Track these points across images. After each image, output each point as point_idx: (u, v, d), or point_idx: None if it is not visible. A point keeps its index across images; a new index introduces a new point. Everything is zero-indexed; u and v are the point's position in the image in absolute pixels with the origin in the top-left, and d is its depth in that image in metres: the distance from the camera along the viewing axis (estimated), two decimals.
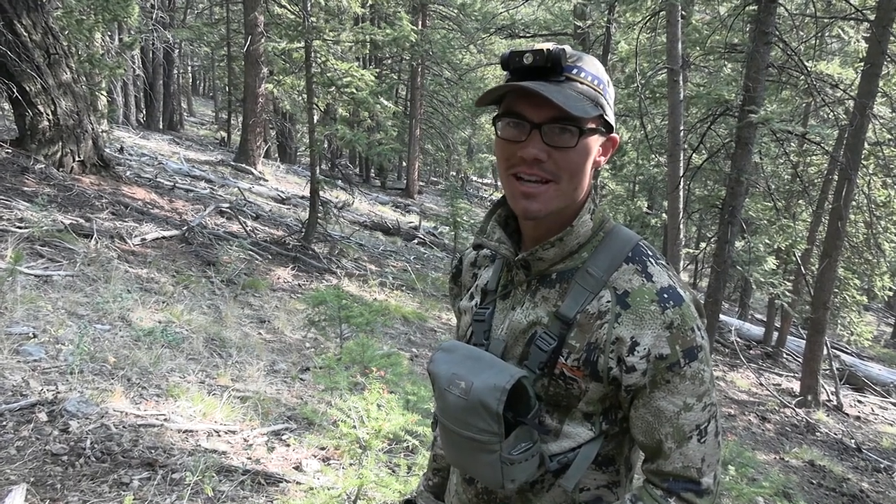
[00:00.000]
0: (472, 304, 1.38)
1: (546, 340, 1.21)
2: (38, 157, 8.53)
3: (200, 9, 29.19)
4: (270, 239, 10.36)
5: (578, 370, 1.20)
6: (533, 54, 1.13)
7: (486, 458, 1.20)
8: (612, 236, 1.25)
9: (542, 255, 1.23)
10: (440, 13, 23.26)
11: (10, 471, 3.11)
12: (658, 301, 1.17)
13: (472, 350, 1.28)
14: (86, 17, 10.11)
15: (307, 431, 4.23)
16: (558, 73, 1.14)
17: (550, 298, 1.24)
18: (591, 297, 1.20)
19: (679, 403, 1.17)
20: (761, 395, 10.26)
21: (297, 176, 20.32)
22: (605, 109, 1.19)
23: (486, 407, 1.17)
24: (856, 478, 7.47)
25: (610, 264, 1.21)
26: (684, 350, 1.15)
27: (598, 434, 1.24)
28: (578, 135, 1.14)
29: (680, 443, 1.19)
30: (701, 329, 1.19)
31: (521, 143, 1.15)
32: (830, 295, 10.00)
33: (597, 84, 1.18)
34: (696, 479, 1.20)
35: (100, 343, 4.76)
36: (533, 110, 1.13)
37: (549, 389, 1.23)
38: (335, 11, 16.83)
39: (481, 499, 1.34)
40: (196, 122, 32.02)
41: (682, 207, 10.75)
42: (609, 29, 14.57)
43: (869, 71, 8.91)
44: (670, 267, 1.25)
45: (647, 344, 1.15)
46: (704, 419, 1.19)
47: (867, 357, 15.02)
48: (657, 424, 1.19)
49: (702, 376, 1.18)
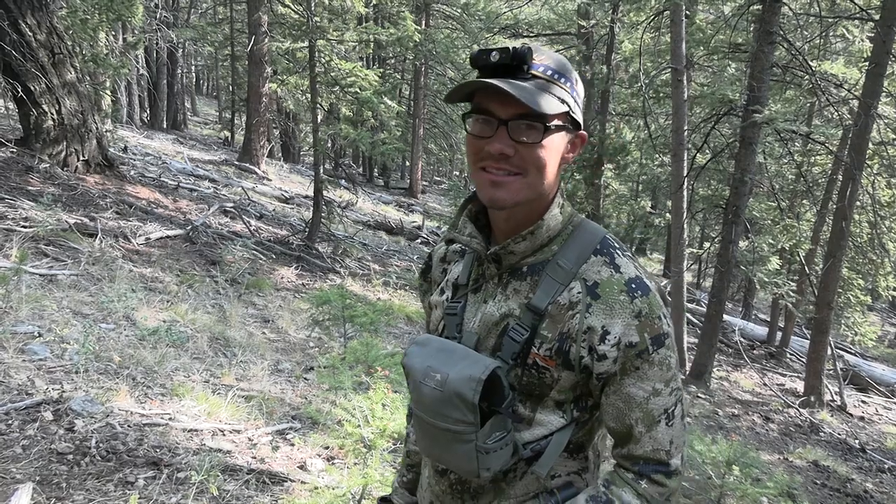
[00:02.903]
0: (444, 298, 1.41)
1: (519, 331, 1.24)
2: (42, 156, 8.55)
3: (204, 8, 29.23)
4: (274, 238, 10.37)
5: (551, 360, 1.23)
6: (500, 52, 1.16)
7: (461, 448, 1.23)
8: (580, 230, 1.29)
9: (513, 249, 1.26)
10: (444, 13, 23.26)
11: (16, 469, 3.11)
12: (627, 291, 1.21)
13: (446, 343, 1.31)
14: (90, 16, 10.12)
15: (311, 431, 4.24)
16: (525, 71, 1.17)
17: (522, 291, 1.27)
18: (562, 288, 1.24)
19: (648, 389, 1.22)
20: (765, 396, 10.24)
21: (301, 175, 20.33)
22: (571, 107, 1.22)
23: (462, 398, 1.19)
24: (860, 478, 7.45)
25: (579, 256, 1.25)
26: (652, 337, 1.20)
27: (569, 421, 1.29)
28: (543, 131, 1.17)
29: (649, 427, 1.24)
30: (666, 317, 1.24)
31: (489, 139, 1.18)
32: (834, 295, 9.98)
33: (563, 82, 1.21)
34: (666, 461, 1.25)
35: (105, 342, 4.76)
36: (500, 107, 1.16)
37: (523, 379, 1.26)
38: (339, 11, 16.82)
39: (454, 489, 1.37)
40: (200, 122, 32.06)
41: (685, 207, 10.73)
42: (613, 28, 14.54)
43: (873, 71, 8.88)
44: (635, 258, 1.30)
45: (617, 333, 1.19)
46: (671, 403, 1.24)
47: (871, 357, 14.99)
48: (627, 410, 1.24)
49: (668, 362, 1.23)
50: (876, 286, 13.71)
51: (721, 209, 10.33)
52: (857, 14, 10.70)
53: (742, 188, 9.09)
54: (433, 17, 22.95)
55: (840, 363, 11.26)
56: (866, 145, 9.31)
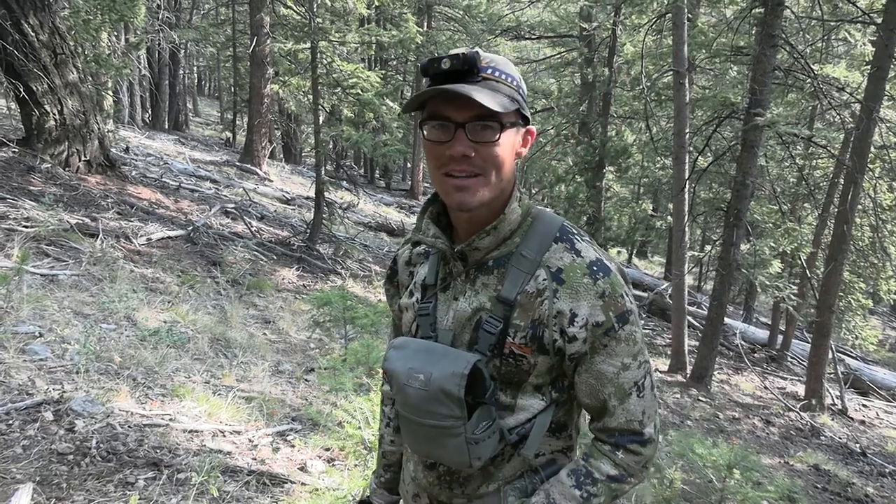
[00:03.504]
0: (413, 300, 1.44)
1: (492, 324, 1.30)
2: (44, 156, 8.55)
3: (206, 9, 29.25)
4: (275, 239, 10.37)
5: (526, 347, 1.29)
6: (450, 59, 1.21)
7: (452, 441, 1.28)
8: (539, 221, 1.35)
9: (478, 245, 1.31)
10: (445, 15, 23.27)
11: (17, 470, 3.11)
12: (589, 274, 1.27)
13: (424, 343, 1.35)
14: (92, 17, 10.13)
15: (312, 432, 4.23)
16: (475, 75, 1.22)
17: (490, 284, 1.32)
18: (528, 277, 1.29)
19: (618, 364, 1.29)
20: (766, 399, 10.23)
21: (302, 177, 20.34)
22: (521, 104, 1.27)
23: (448, 394, 1.24)
24: (861, 482, 7.44)
25: (541, 245, 1.31)
26: (617, 315, 1.27)
27: (549, 403, 1.35)
28: (500, 129, 1.22)
29: (622, 399, 1.31)
30: (628, 295, 1.31)
31: (448, 143, 1.23)
32: (836, 298, 9.96)
33: (511, 82, 1.26)
34: (640, 431, 1.33)
35: (105, 343, 4.76)
36: (456, 111, 1.21)
37: (501, 369, 1.31)
38: (341, 13, 16.83)
39: (443, 480, 1.42)
40: (201, 123, 32.07)
41: (687, 210, 10.73)
42: (615, 31, 14.55)
43: (876, 74, 8.87)
44: (593, 242, 1.36)
45: (584, 314, 1.26)
46: (641, 375, 1.32)
47: (872, 361, 14.96)
48: (600, 386, 1.31)
49: (634, 337, 1.30)
50: (877, 290, 13.69)
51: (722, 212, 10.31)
52: (859, 17, 10.70)
53: (743, 191, 9.08)
54: (435, 18, 22.97)
55: (841, 367, 11.24)
56: (868, 149, 9.30)
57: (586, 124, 15.16)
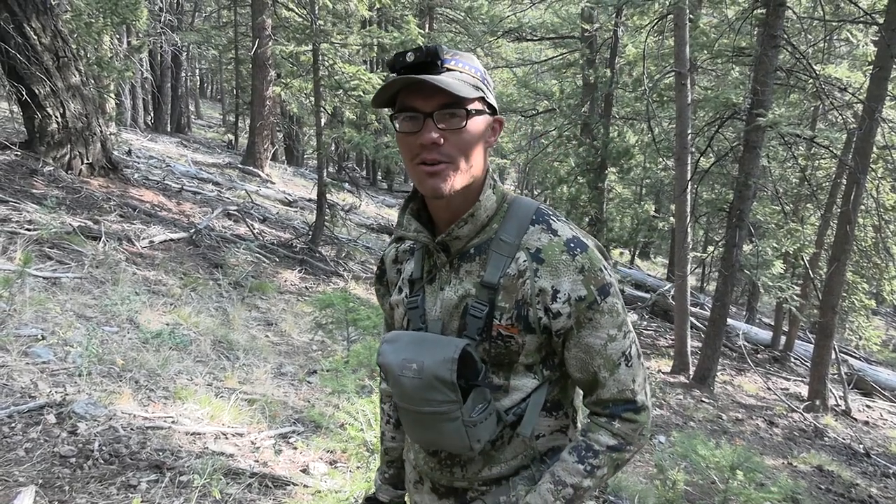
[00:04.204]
0: (402, 296, 1.48)
1: (478, 308, 1.34)
2: (46, 159, 8.57)
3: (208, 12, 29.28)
4: (277, 241, 10.38)
5: (513, 327, 1.33)
6: (414, 52, 1.25)
7: (450, 426, 1.32)
8: (515, 206, 1.39)
9: (458, 234, 1.36)
10: (447, 16, 23.28)
11: (19, 472, 3.12)
12: (567, 250, 1.32)
13: (414, 334, 1.40)
14: (95, 20, 10.15)
15: (314, 434, 4.23)
16: (439, 66, 1.27)
17: (473, 271, 1.37)
18: (509, 260, 1.34)
19: (604, 336, 1.33)
20: (769, 400, 10.21)
21: (304, 179, 20.35)
22: (485, 92, 1.32)
23: (441, 379, 1.29)
24: (864, 483, 7.42)
25: (518, 229, 1.35)
26: (598, 288, 1.32)
27: (542, 381, 1.39)
28: (466, 116, 1.27)
29: (612, 370, 1.35)
30: (607, 269, 1.36)
31: (418, 133, 1.27)
32: (839, 299, 9.94)
33: (474, 73, 1.32)
34: (632, 399, 1.37)
35: (108, 345, 4.77)
36: (423, 101, 1.26)
37: (491, 351, 1.35)
38: (343, 15, 16.86)
39: (444, 464, 1.45)
40: (204, 125, 32.11)
41: (689, 211, 10.72)
42: (616, 32, 14.55)
43: (878, 74, 8.86)
44: (570, 222, 1.40)
45: (566, 290, 1.31)
46: (627, 345, 1.36)
47: (875, 361, 14.92)
48: (589, 359, 1.35)
49: (617, 308, 1.34)
50: (880, 290, 13.65)
51: (725, 213, 10.30)
52: (861, 18, 10.68)
53: (746, 192, 9.07)
54: (436, 20, 22.98)
55: (844, 367, 11.21)
56: (871, 149, 9.28)
57: (588, 125, 15.15)
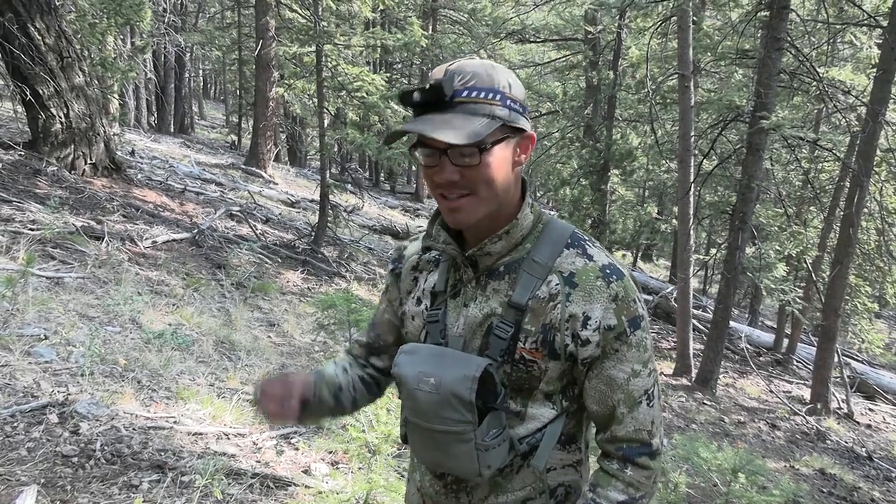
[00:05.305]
0: (422, 308, 1.43)
1: (503, 329, 1.29)
2: (50, 159, 8.58)
3: (212, 13, 29.35)
4: (280, 242, 10.39)
5: (537, 352, 1.28)
6: (420, 92, 1.21)
7: (461, 448, 1.27)
8: (549, 227, 1.35)
9: (489, 250, 1.31)
10: (450, 18, 23.29)
11: (21, 472, 3.12)
12: (602, 276, 1.27)
13: (435, 348, 1.35)
14: (98, 20, 10.17)
15: (316, 435, 4.23)
16: (448, 101, 1.21)
17: (501, 290, 1.32)
18: (540, 282, 1.29)
19: (628, 370, 1.28)
20: (771, 403, 10.19)
21: (307, 179, 20.37)
22: (505, 118, 1.23)
23: (459, 397, 1.24)
24: (867, 486, 7.40)
25: (553, 251, 1.31)
26: (629, 320, 1.27)
27: (560, 412, 1.34)
28: (479, 153, 1.21)
29: (632, 407, 1.30)
30: (640, 301, 1.31)
31: (437, 168, 1.24)
32: (841, 302, 9.93)
33: (492, 97, 1.22)
34: (648, 441, 1.31)
35: (110, 345, 4.77)
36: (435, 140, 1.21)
37: (512, 375, 1.30)
38: (346, 16, 16.86)
39: (450, 489, 1.41)
40: (207, 126, 32.17)
41: (692, 213, 10.71)
42: (620, 34, 14.55)
43: (882, 77, 8.85)
44: (604, 249, 1.36)
45: (597, 317, 1.25)
46: (650, 384, 1.31)
47: (878, 365, 14.89)
48: (610, 392, 1.29)
49: (645, 344, 1.29)
50: (883, 293, 13.64)
51: (727, 215, 10.29)
52: (864, 20, 10.67)
53: (749, 194, 9.06)
54: (440, 22, 22.98)
55: (847, 371, 11.18)
56: (874, 152, 9.27)
57: (591, 127, 15.15)
